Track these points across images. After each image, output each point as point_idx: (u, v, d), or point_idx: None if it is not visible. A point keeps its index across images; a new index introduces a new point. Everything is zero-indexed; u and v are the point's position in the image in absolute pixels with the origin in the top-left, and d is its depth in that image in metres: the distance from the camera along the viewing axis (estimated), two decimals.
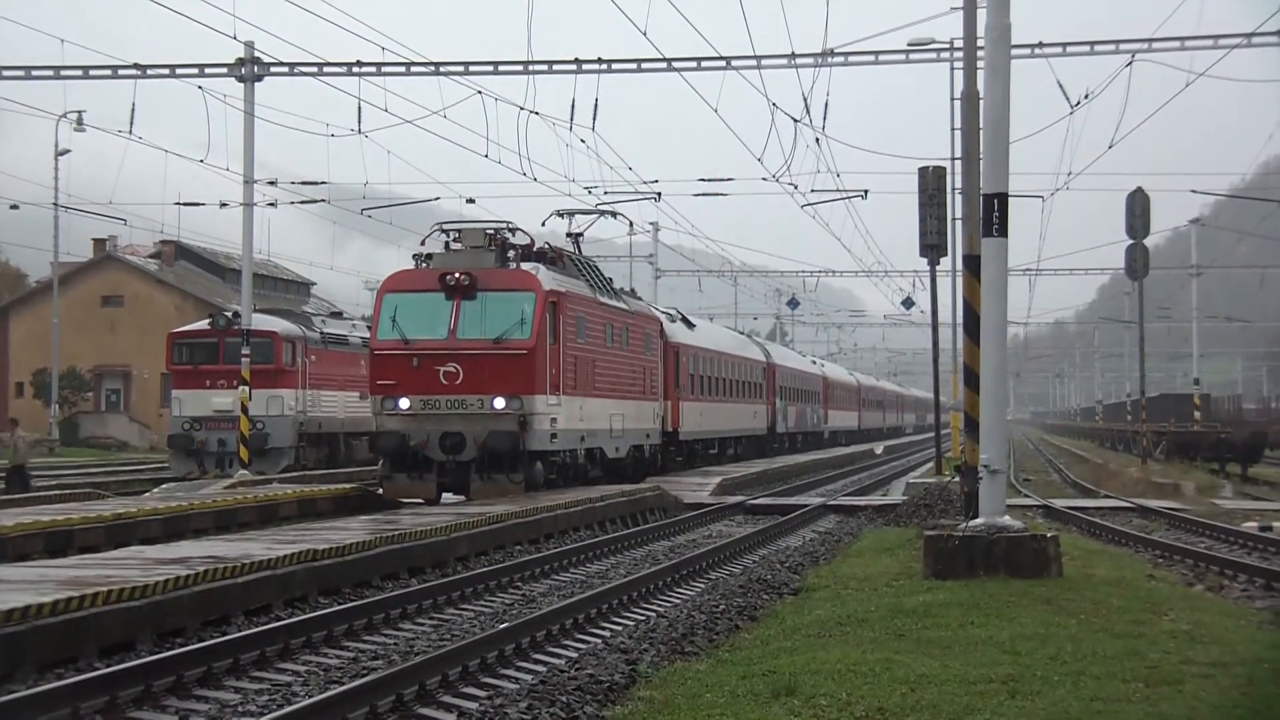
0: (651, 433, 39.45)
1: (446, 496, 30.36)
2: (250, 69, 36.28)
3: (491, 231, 31.84)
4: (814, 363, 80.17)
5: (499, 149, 36.26)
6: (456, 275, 30.03)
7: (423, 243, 32.50)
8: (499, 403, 29.64)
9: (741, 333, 68.83)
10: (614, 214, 39.41)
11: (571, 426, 32.07)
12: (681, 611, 17.18)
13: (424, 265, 31.31)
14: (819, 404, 74.45)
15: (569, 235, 37.46)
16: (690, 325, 47.96)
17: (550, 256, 33.06)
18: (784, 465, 50.84)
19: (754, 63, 35.58)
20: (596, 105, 35.71)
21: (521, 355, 29.85)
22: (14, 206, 64.91)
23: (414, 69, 36.45)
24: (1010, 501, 21.54)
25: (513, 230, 32.37)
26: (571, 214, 37.80)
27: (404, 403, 29.85)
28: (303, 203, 50.93)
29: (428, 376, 29.77)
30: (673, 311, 48.16)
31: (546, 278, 31.08)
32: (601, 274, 37.43)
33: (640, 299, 42.94)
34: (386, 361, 30.31)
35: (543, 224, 37.47)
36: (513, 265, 31.30)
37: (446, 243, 31.94)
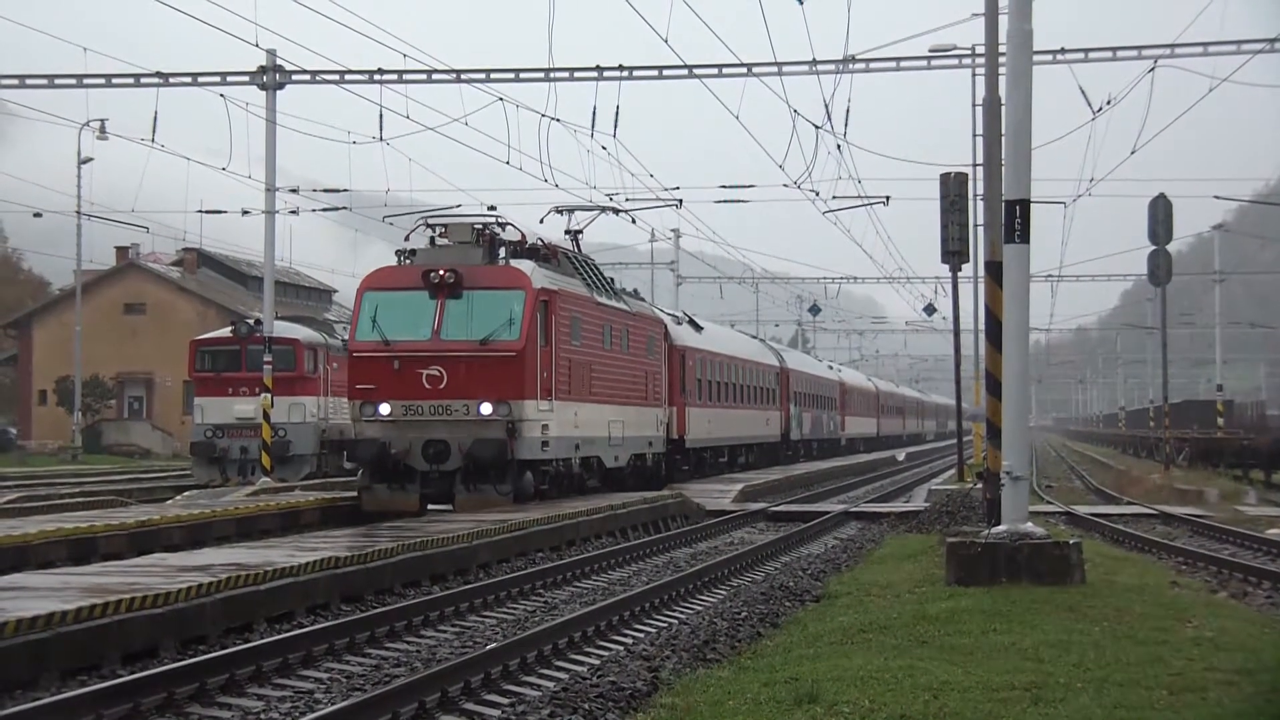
0: (655, 440, 37.80)
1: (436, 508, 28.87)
2: (272, 77, 36.37)
3: (479, 226, 30.14)
4: (830, 368, 79.65)
5: (520, 156, 36.33)
6: (441, 272, 28.33)
7: (407, 238, 30.81)
8: (486, 408, 27.93)
9: (754, 337, 67.68)
10: (616, 210, 37.82)
11: (565, 434, 30.26)
12: (704, 619, 17.18)
13: (406, 261, 29.64)
14: (835, 410, 73.65)
15: (568, 233, 35.74)
16: (698, 328, 46.65)
17: (543, 253, 31.33)
18: (805, 472, 50.76)
19: (775, 69, 35.62)
20: (618, 112, 35.74)
21: (510, 358, 28.15)
22: (37, 214, 65.22)
23: (435, 76, 36.51)
24: (1033, 508, 21.50)
25: (503, 225, 30.72)
26: (571, 210, 35.97)
27: (384, 408, 28.18)
28: (324, 210, 51.18)
29: (410, 380, 28.09)
30: (679, 313, 47.12)
31: (538, 275, 29.34)
32: (600, 272, 35.78)
33: (643, 299, 41.30)
34: (366, 364, 28.66)
35: (541, 221, 36.03)
36: (502, 262, 29.64)
37: (432, 238, 30.24)
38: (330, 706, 11.63)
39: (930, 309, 78.98)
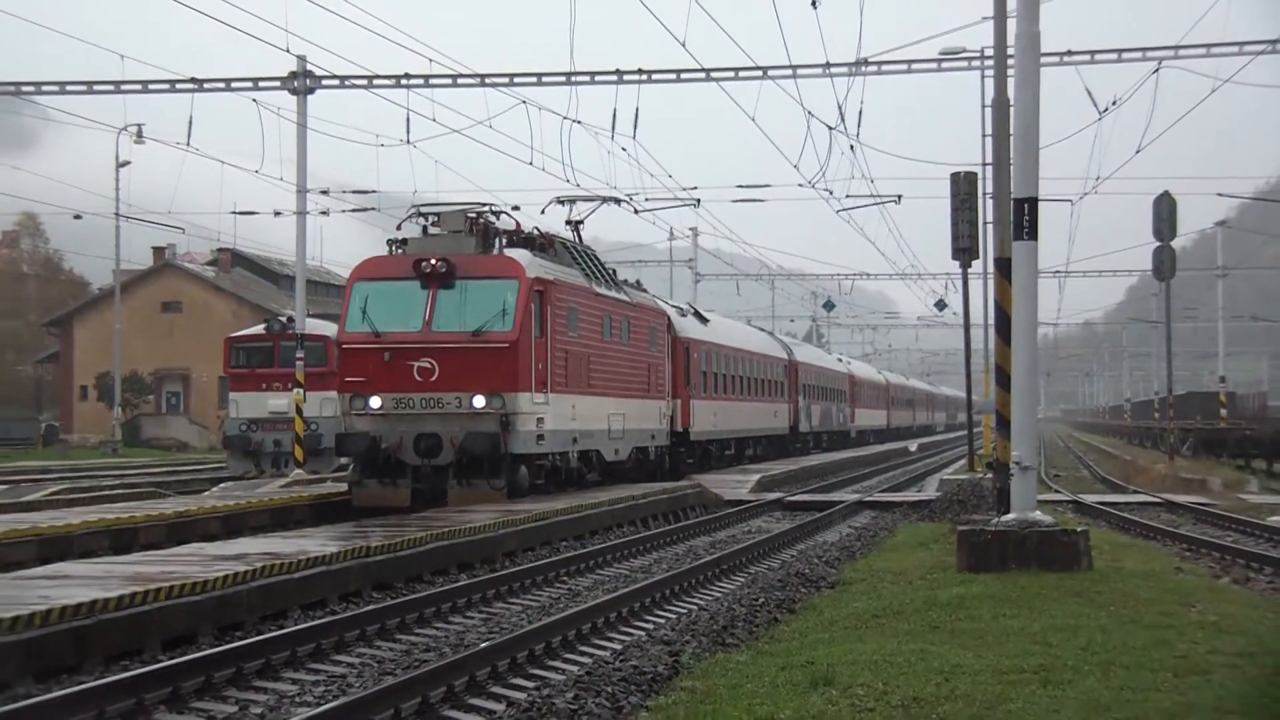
0: (657, 433, 36.18)
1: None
2: (303, 82, 36.43)
3: (473, 215, 28.55)
4: (840, 361, 78.93)
5: (543, 157, 36.41)
6: (432, 262, 26.86)
7: (399, 227, 29.30)
8: (478, 401, 26.46)
9: (762, 330, 66.31)
10: (618, 200, 36.48)
11: (561, 427, 28.79)
12: (722, 605, 17.19)
13: (398, 251, 28.18)
14: (845, 403, 72.68)
15: (568, 223, 34.22)
16: (703, 320, 45.17)
17: (539, 242, 29.85)
18: (819, 463, 50.59)
19: (790, 72, 35.60)
20: (637, 114, 35.72)
21: (503, 349, 26.64)
22: (77, 216, 65.50)
23: (460, 80, 36.56)
24: (1041, 497, 21.49)
25: (497, 214, 29.23)
26: (572, 201, 34.38)
27: (375, 401, 26.76)
28: (354, 211, 51.30)
29: (401, 373, 26.70)
30: (683, 306, 45.95)
31: (532, 264, 27.82)
32: (600, 263, 33.96)
33: (645, 291, 39.56)
34: (356, 356, 27.19)
35: (542, 211, 34.89)
36: (496, 251, 28.21)
37: (424, 227, 28.79)
38: (362, 690, 11.67)
39: (941, 304, 78.83)
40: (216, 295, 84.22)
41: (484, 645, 13.19)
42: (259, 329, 44.08)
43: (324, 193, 49.34)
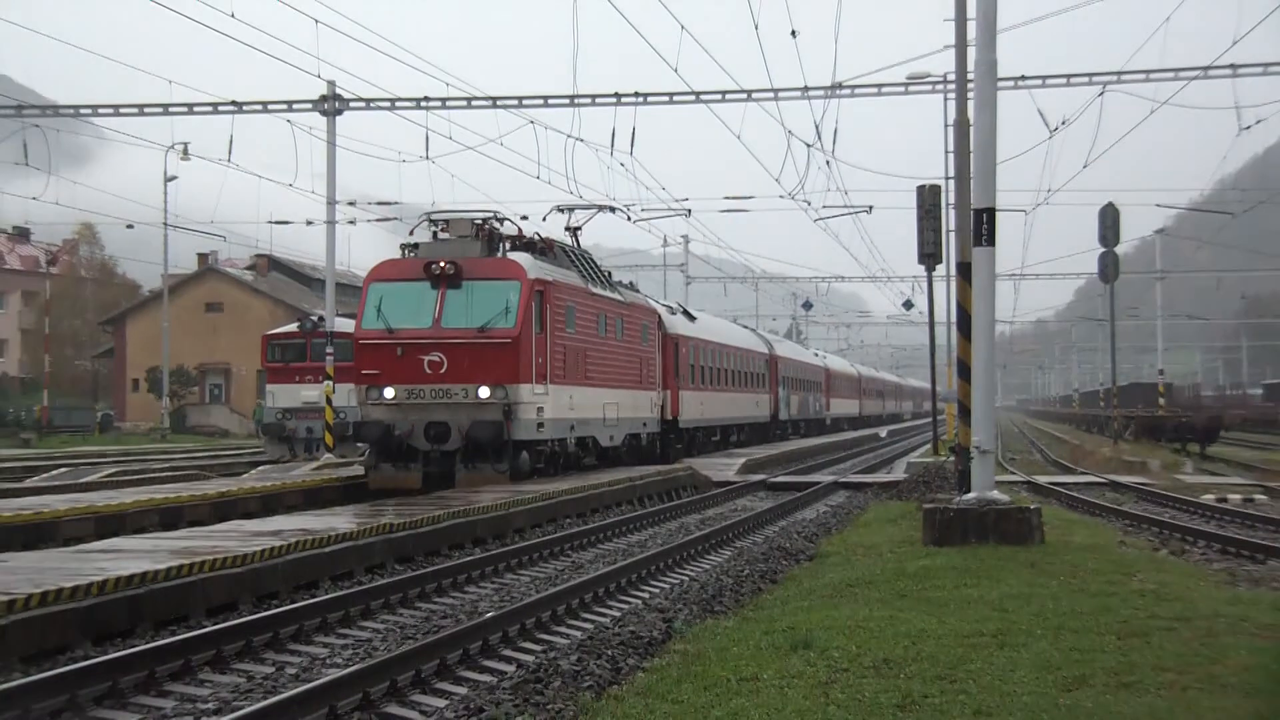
0: (649, 421, 36.03)
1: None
2: (332, 104, 36.36)
3: (479, 221, 28.43)
4: (816, 355, 78.61)
5: (549, 172, 36.22)
6: (441, 264, 26.88)
7: (411, 232, 29.19)
8: (483, 392, 26.39)
9: (745, 326, 65.50)
10: (612, 209, 36.11)
11: (560, 416, 28.65)
12: (711, 576, 17.19)
13: (410, 254, 28.06)
14: (821, 393, 72.15)
15: (568, 229, 33.91)
16: (691, 318, 44.80)
17: (540, 246, 29.64)
18: (798, 448, 50.51)
19: (772, 95, 35.52)
20: (634, 133, 35.60)
21: (506, 344, 26.53)
22: (129, 226, 65.46)
23: (474, 103, 36.47)
24: (998, 478, 21.48)
25: (501, 220, 28.94)
26: (571, 209, 34.03)
27: (389, 392, 26.63)
28: (378, 220, 51.17)
29: (412, 366, 26.58)
30: (673, 305, 45.58)
31: (533, 266, 27.69)
32: (596, 265, 33.75)
33: (638, 291, 39.25)
34: (371, 351, 26.99)
35: (544, 219, 34.48)
36: (500, 255, 28.03)
37: (434, 232, 28.68)
38: (387, 654, 11.67)
39: (908, 304, 78.79)
40: (255, 297, 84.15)
41: (491, 615, 13.19)
42: (293, 327, 44.05)
43: (351, 204, 49.25)
